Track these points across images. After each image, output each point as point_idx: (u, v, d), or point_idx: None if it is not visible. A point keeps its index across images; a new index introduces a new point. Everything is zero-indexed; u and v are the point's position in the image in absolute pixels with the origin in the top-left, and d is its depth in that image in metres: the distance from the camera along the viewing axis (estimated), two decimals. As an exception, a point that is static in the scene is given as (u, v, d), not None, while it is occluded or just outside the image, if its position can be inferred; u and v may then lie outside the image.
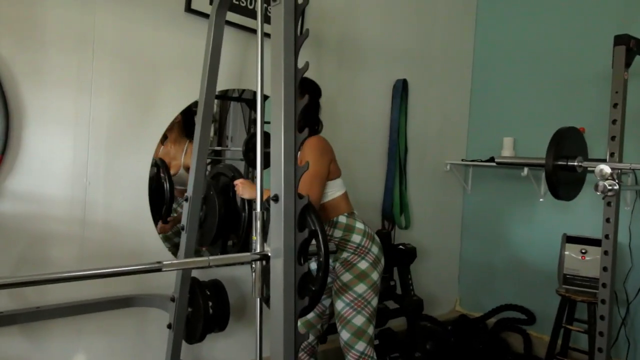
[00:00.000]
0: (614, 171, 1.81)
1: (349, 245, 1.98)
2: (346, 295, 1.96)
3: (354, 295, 1.96)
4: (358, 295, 1.95)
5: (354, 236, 1.99)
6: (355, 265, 1.97)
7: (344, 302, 1.97)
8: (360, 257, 1.98)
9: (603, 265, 1.93)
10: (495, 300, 3.28)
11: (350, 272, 1.97)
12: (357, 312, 1.95)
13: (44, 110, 1.87)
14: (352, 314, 1.95)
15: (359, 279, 1.96)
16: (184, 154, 2.28)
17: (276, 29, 1.42)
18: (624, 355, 2.71)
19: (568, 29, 3.02)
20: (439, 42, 3.30)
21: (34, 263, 1.88)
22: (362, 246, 1.99)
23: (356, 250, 1.98)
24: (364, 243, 1.99)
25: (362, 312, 1.95)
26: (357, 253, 1.98)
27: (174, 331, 2.00)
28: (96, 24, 1.96)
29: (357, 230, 2.01)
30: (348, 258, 1.98)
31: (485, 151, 3.29)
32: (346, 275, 1.97)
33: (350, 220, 2.02)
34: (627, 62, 1.93)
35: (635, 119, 2.47)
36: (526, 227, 3.21)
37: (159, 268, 1.34)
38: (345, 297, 1.96)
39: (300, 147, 1.95)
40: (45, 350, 1.95)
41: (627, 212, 2.63)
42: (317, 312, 2.16)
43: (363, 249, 1.99)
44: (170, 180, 2.23)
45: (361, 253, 1.98)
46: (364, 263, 1.98)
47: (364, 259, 1.98)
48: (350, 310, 1.96)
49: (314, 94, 2.15)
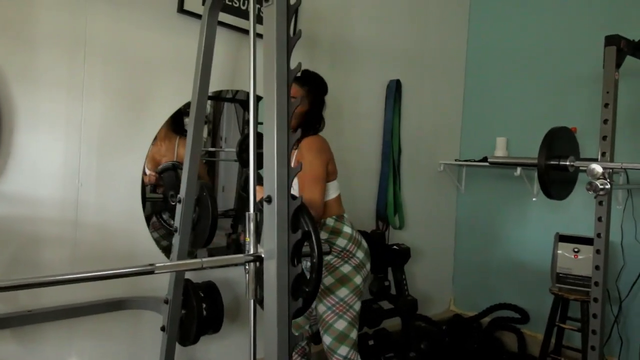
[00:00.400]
0: (605, 170, 1.82)
1: (332, 248, 1.96)
2: (328, 299, 1.94)
3: (335, 299, 1.93)
4: (340, 299, 1.93)
5: (339, 240, 1.98)
6: (337, 269, 1.95)
7: (326, 306, 1.95)
8: (344, 260, 1.96)
9: (595, 264, 1.94)
10: (489, 299, 3.29)
11: (332, 275, 1.95)
12: (339, 317, 1.93)
13: (36, 112, 1.86)
14: (334, 318, 1.93)
15: (341, 282, 1.94)
16: (176, 147, 2.26)
17: (269, 30, 1.42)
18: (616, 353, 2.73)
19: (560, 30, 3.04)
20: (432, 43, 3.31)
21: (26, 265, 1.87)
22: (346, 250, 1.97)
23: (340, 253, 1.96)
24: (348, 247, 1.97)
25: (343, 316, 1.93)
26: (341, 257, 1.96)
27: (168, 333, 1.99)
28: (88, 25, 1.95)
29: (344, 235, 1.99)
30: (331, 261, 1.96)
31: (478, 151, 3.30)
32: (328, 279, 1.95)
33: (337, 224, 2.00)
34: (617, 62, 1.94)
35: (627, 118, 2.49)
36: (519, 227, 3.23)
37: (152, 270, 1.33)
38: (327, 300, 1.95)
39: (297, 146, 1.95)
40: (38, 353, 1.93)
41: (618, 211, 2.64)
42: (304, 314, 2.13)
43: (347, 253, 1.97)
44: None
45: (345, 257, 1.96)
46: (347, 267, 1.96)
47: (347, 262, 1.96)
48: (331, 314, 1.94)
49: (318, 90, 2.11)
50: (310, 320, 2.17)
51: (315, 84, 2.10)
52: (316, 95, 2.08)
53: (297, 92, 2.02)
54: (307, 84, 2.07)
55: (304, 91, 2.04)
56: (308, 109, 2.04)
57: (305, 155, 1.92)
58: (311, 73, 2.13)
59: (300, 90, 2.04)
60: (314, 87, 2.09)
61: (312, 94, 2.06)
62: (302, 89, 2.04)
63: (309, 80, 2.09)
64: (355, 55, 2.87)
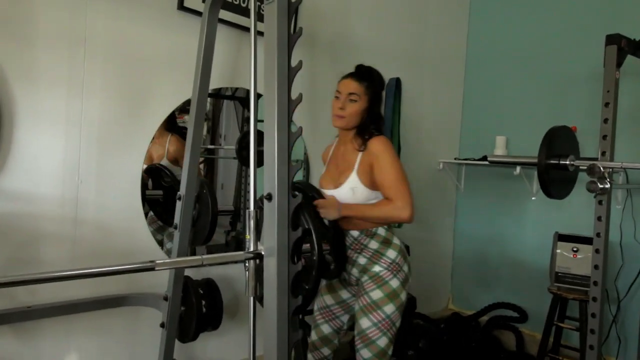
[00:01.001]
0: (605, 170, 1.82)
1: (382, 260, 1.86)
2: (374, 314, 1.81)
3: (382, 316, 1.81)
4: (386, 316, 1.81)
5: (389, 251, 1.87)
6: (387, 283, 1.84)
7: (371, 322, 1.82)
8: (393, 274, 1.85)
9: (594, 264, 1.94)
10: (487, 298, 3.29)
11: (381, 289, 1.83)
12: (383, 334, 1.81)
13: (36, 110, 1.86)
14: (378, 335, 1.81)
15: (390, 298, 1.82)
16: (167, 144, 2.25)
17: (269, 27, 1.42)
18: (615, 352, 2.73)
19: (560, 29, 3.04)
20: (432, 41, 3.31)
21: (25, 262, 1.86)
22: (395, 263, 1.86)
23: (389, 266, 1.85)
24: (397, 260, 1.87)
25: (387, 333, 1.82)
26: (390, 269, 1.85)
27: (167, 330, 1.99)
28: (88, 23, 1.95)
29: (394, 246, 1.89)
30: (380, 273, 1.84)
31: (478, 150, 3.30)
32: (377, 293, 1.83)
33: (389, 234, 1.91)
34: (618, 61, 1.94)
35: (627, 118, 2.49)
36: (518, 226, 3.23)
37: (152, 267, 1.34)
38: (373, 316, 1.82)
39: (366, 146, 1.87)
40: (37, 350, 1.94)
41: (618, 211, 2.65)
42: (334, 328, 2.03)
43: (396, 265, 1.86)
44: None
45: (394, 270, 1.85)
46: (396, 281, 1.85)
47: (396, 276, 1.85)
48: (376, 331, 1.81)
49: (377, 85, 1.98)
50: (339, 335, 2.06)
51: (373, 79, 1.96)
52: (375, 91, 1.96)
53: (357, 89, 1.90)
54: (365, 79, 1.93)
55: (362, 87, 1.91)
56: (367, 106, 1.92)
57: (382, 157, 1.83)
58: (367, 67, 1.99)
59: (359, 86, 1.91)
60: (373, 82, 1.95)
61: (371, 90, 1.94)
62: (361, 85, 1.92)
63: (366, 75, 1.95)
64: (355, 53, 2.86)
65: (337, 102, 1.92)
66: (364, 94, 1.91)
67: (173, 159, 2.28)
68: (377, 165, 1.84)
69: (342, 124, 1.92)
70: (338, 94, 1.93)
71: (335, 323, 2.03)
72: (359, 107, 1.90)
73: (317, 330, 2.06)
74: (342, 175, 1.92)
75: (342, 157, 1.98)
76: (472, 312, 3.33)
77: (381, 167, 1.83)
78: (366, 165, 1.87)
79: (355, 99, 1.90)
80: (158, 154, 2.28)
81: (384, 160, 1.83)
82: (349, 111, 1.90)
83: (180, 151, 2.26)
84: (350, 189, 1.87)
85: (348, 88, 1.91)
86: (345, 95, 1.90)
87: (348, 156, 1.94)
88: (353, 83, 1.91)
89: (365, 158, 1.87)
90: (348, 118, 1.90)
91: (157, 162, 2.29)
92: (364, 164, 1.87)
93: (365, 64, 1.98)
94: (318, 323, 2.06)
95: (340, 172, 1.94)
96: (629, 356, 2.71)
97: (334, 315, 2.03)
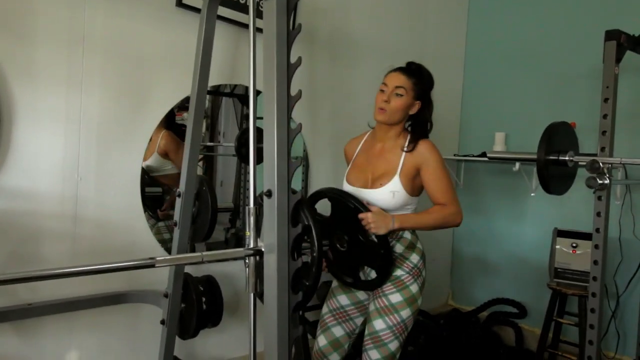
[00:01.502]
0: (604, 165, 1.83)
1: (405, 264, 1.81)
2: (390, 317, 1.77)
3: (398, 319, 1.77)
4: (402, 320, 1.78)
5: (413, 255, 1.83)
6: (407, 287, 1.79)
7: (387, 324, 1.77)
8: (414, 278, 1.81)
9: (594, 259, 1.95)
10: (487, 294, 3.30)
11: (401, 293, 1.78)
12: (395, 338, 1.78)
13: (35, 107, 1.85)
14: (391, 338, 1.77)
15: (408, 303, 1.78)
16: (159, 140, 2.24)
17: (268, 24, 1.42)
18: (614, 347, 2.74)
19: (559, 25, 3.04)
20: (431, 38, 3.30)
21: (25, 260, 1.87)
22: (417, 267, 1.82)
23: (411, 270, 1.81)
24: (419, 265, 1.83)
25: (399, 337, 1.79)
26: (412, 274, 1.81)
27: (167, 327, 2.00)
28: (86, 21, 1.94)
29: (417, 250, 1.85)
30: (402, 277, 1.80)
31: (477, 146, 3.30)
32: (396, 296, 1.78)
33: (414, 238, 1.86)
34: (617, 57, 1.95)
35: (626, 113, 2.49)
36: (518, 222, 3.23)
37: (152, 264, 1.34)
38: (389, 318, 1.77)
39: (414, 147, 1.82)
40: (38, 347, 1.94)
41: (617, 206, 2.65)
42: (347, 331, 1.93)
43: (417, 270, 1.82)
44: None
45: (415, 275, 1.81)
46: (415, 286, 1.81)
47: (416, 281, 1.81)
48: (389, 334, 1.77)
49: (427, 84, 1.90)
50: (351, 338, 1.95)
51: (422, 76, 1.88)
52: (423, 89, 1.88)
53: (404, 83, 1.83)
54: (414, 75, 1.86)
55: (410, 83, 1.83)
56: (414, 104, 1.86)
57: (434, 161, 1.80)
58: (417, 64, 1.91)
59: (407, 81, 1.83)
60: (422, 79, 1.87)
61: (418, 87, 1.86)
62: (409, 80, 1.84)
63: (416, 72, 1.88)
64: (354, 50, 2.86)
65: (382, 95, 1.84)
66: (411, 89, 1.83)
67: (163, 152, 2.27)
68: (427, 170, 1.80)
69: (384, 117, 1.83)
70: (384, 87, 1.85)
71: (349, 325, 1.93)
72: (404, 102, 1.83)
73: (326, 334, 1.93)
74: (382, 176, 1.83)
75: (379, 154, 1.89)
76: (472, 308, 3.33)
77: (433, 172, 1.80)
78: (411, 168, 1.80)
79: (402, 93, 1.82)
80: (150, 150, 2.28)
81: (436, 165, 1.80)
82: (393, 105, 1.82)
83: (170, 145, 2.26)
84: (390, 192, 1.79)
85: (396, 81, 1.83)
86: (392, 89, 1.82)
87: (389, 155, 1.86)
88: (401, 77, 1.84)
89: (410, 160, 1.81)
90: (390, 112, 1.82)
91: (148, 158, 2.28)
92: (408, 166, 1.81)
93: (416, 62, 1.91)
94: (329, 325, 1.93)
95: (378, 171, 1.86)
96: (628, 351, 2.72)
97: (349, 317, 1.93)
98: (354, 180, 1.91)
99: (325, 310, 1.97)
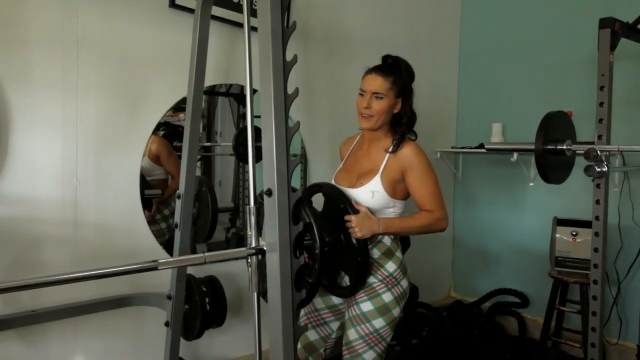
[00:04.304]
0: (602, 153, 1.83)
1: (379, 272, 1.74)
2: (362, 326, 1.72)
3: (370, 329, 1.71)
4: (374, 330, 1.71)
5: (389, 263, 1.76)
6: (379, 296, 1.73)
7: (359, 334, 1.73)
8: (387, 287, 1.74)
9: (594, 247, 1.96)
10: (489, 285, 3.31)
11: (372, 301, 1.72)
12: (370, 348, 1.72)
13: (31, 112, 1.85)
14: (364, 348, 1.72)
15: (380, 312, 1.72)
16: (149, 143, 2.22)
17: (263, 22, 1.41)
18: (616, 333, 2.76)
19: (553, 14, 3.04)
20: (425, 31, 3.30)
21: (27, 266, 1.86)
22: (393, 276, 1.75)
23: (385, 279, 1.74)
24: (396, 274, 1.75)
25: (374, 347, 1.73)
26: (385, 282, 1.74)
27: (172, 329, 2.00)
28: (80, 24, 1.93)
29: (395, 259, 1.77)
30: (373, 285, 1.74)
31: (474, 138, 3.31)
32: (367, 305, 1.72)
33: (393, 246, 1.79)
34: (612, 44, 1.95)
35: (622, 101, 2.50)
36: (517, 212, 3.24)
37: (155, 267, 1.34)
38: (361, 328, 1.72)
39: (397, 149, 1.74)
40: (43, 353, 1.94)
41: (615, 194, 2.66)
42: (322, 335, 1.88)
43: (392, 279, 1.75)
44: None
45: (389, 283, 1.74)
46: (389, 295, 1.73)
47: (391, 290, 1.74)
48: (362, 344, 1.72)
49: (406, 79, 1.78)
50: (327, 343, 1.90)
51: (400, 71, 1.76)
52: (404, 84, 1.76)
53: (381, 87, 1.72)
54: (392, 72, 1.74)
55: (388, 83, 1.73)
56: (396, 102, 1.76)
57: (418, 166, 1.73)
58: (393, 58, 1.78)
59: (385, 83, 1.73)
60: (400, 75, 1.75)
61: (398, 85, 1.75)
62: (387, 80, 1.73)
63: (392, 68, 1.76)
64: (350, 45, 2.86)
65: (362, 101, 1.75)
66: (390, 89, 1.73)
67: (154, 157, 2.26)
68: (412, 175, 1.73)
69: (369, 124, 1.76)
70: (362, 91, 1.76)
71: (323, 330, 1.88)
72: (386, 104, 1.74)
73: (301, 338, 1.80)
74: (364, 176, 1.78)
75: (365, 154, 1.84)
76: (474, 299, 3.35)
77: (418, 176, 1.74)
78: (395, 170, 1.74)
79: (381, 97, 1.73)
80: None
81: (421, 169, 1.73)
82: (376, 109, 1.73)
83: (161, 149, 2.26)
84: (370, 191, 1.74)
85: (373, 86, 1.73)
86: (370, 94, 1.73)
87: (373, 155, 1.80)
88: (378, 80, 1.73)
89: (393, 163, 1.74)
90: (376, 117, 1.74)
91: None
92: (390, 168, 1.75)
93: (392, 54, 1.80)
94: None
95: (362, 171, 1.81)
96: (630, 337, 2.73)
97: (323, 321, 1.88)
98: (341, 180, 1.87)
99: (301, 313, 1.89)
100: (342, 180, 1.86)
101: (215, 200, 2.28)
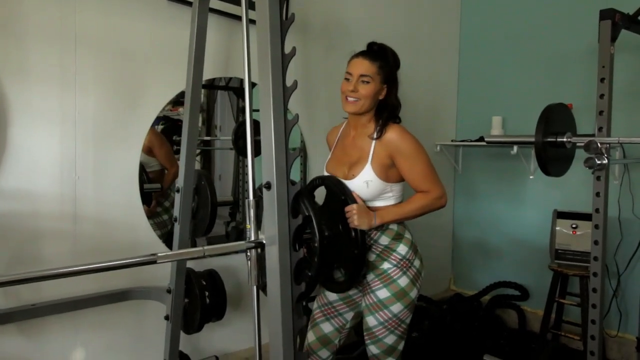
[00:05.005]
0: (602, 145, 1.83)
1: (392, 256, 1.75)
2: (381, 313, 1.74)
3: (389, 315, 1.73)
4: (393, 315, 1.73)
5: (400, 246, 1.76)
6: (395, 281, 1.73)
7: (377, 321, 1.75)
8: (402, 271, 1.74)
9: (594, 239, 1.96)
10: (489, 277, 3.32)
11: (388, 288, 1.73)
12: (390, 332, 1.75)
13: (29, 107, 1.84)
14: (385, 333, 1.75)
15: (397, 297, 1.72)
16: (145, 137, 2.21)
17: (261, 15, 1.40)
18: (616, 326, 2.76)
19: (553, 6, 3.02)
20: (425, 23, 3.28)
21: (27, 261, 1.87)
22: (406, 259, 1.75)
23: (399, 263, 1.75)
24: (408, 256, 1.76)
25: (395, 331, 1.75)
26: (400, 266, 1.74)
27: (172, 322, 2.00)
28: (77, 18, 1.92)
29: (405, 240, 1.78)
30: (388, 271, 1.74)
31: (474, 131, 3.30)
32: (383, 292, 1.73)
33: (400, 228, 1.78)
34: (613, 36, 1.94)
35: (622, 93, 2.49)
36: (517, 205, 3.24)
37: (154, 260, 1.33)
38: (379, 315, 1.74)
39: (381, 134, 1.74)
40: (43, 347, 1.95)
41: (615, 186, 2.65)
42: (336, 326, 1.90)
43: (406, 262, 1.75)
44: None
45: (403, 266, 1.74)
46: (405, 279, 1.74)
47: (406, 274, 1.74)
48: (383, 330, 1.75)
49: (393, 65, 1.80)
50: (341, 333, 1.92)
51: (387, 57, 1.78)
52: (390, 71, 1.78)
53: (369, 69, 1.73)
54: (378, 58, 1.76)
55: (375, 67, 1.74)
56: (381, 88, 1.77)
57: (405, 147, 1.71)
58: (379, 45, 1.81)
59: (372, 66, 1.74)
60: (387, 61, 1.77)
61: (384, 70, 1.76)
62: (374, 64, 1.74)
63: (379, 53, 1.78)
64: (348, 37, 2.84)
65: (348, 85, 1.75)
66: (376, 74, 1.74)
67: (147, 149, 2.24)
68: (400, 157, 1.72)
69: (355, 108, 1.75)
70: (349, 75, 1.76)
71: (338, 321, 1.90)
72: (372, 89, 1.74)
73: (315, 330, 1.91)
74: (355, 166, 1.77)
75: (352, 143, 1.83)
76: (474, 292, 3.35)
77: (407, 159, 1.72)
78: (382, 156, 1.73)
79: (368, 80, 1.73)
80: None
81: (408, 151, 1.72)
82: (362, 93, 1.73)
83: (154, 140, 2.24)
84: (364, 182, 1.73)
85: (359, 69, 1.74)
86: (357, 77, 1.73)
87: (360, 143, 1.79)
88: (365, 63, 1.74)
89: (380, 148, 1.73)
90: (362, 101, 1.73)
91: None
92: (379, 154, 1.74)
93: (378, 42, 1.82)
94: (317, 322, 1.91)
95: (352, 161, 1.80)
96: (630, 329, 2.74)
97: (337, 313, 1.89)
98: (332, 171, 1.87)
99: (315, 306, 1.95)
100: (334, 171, 1.86)
101: (215, 193, 2.27)
